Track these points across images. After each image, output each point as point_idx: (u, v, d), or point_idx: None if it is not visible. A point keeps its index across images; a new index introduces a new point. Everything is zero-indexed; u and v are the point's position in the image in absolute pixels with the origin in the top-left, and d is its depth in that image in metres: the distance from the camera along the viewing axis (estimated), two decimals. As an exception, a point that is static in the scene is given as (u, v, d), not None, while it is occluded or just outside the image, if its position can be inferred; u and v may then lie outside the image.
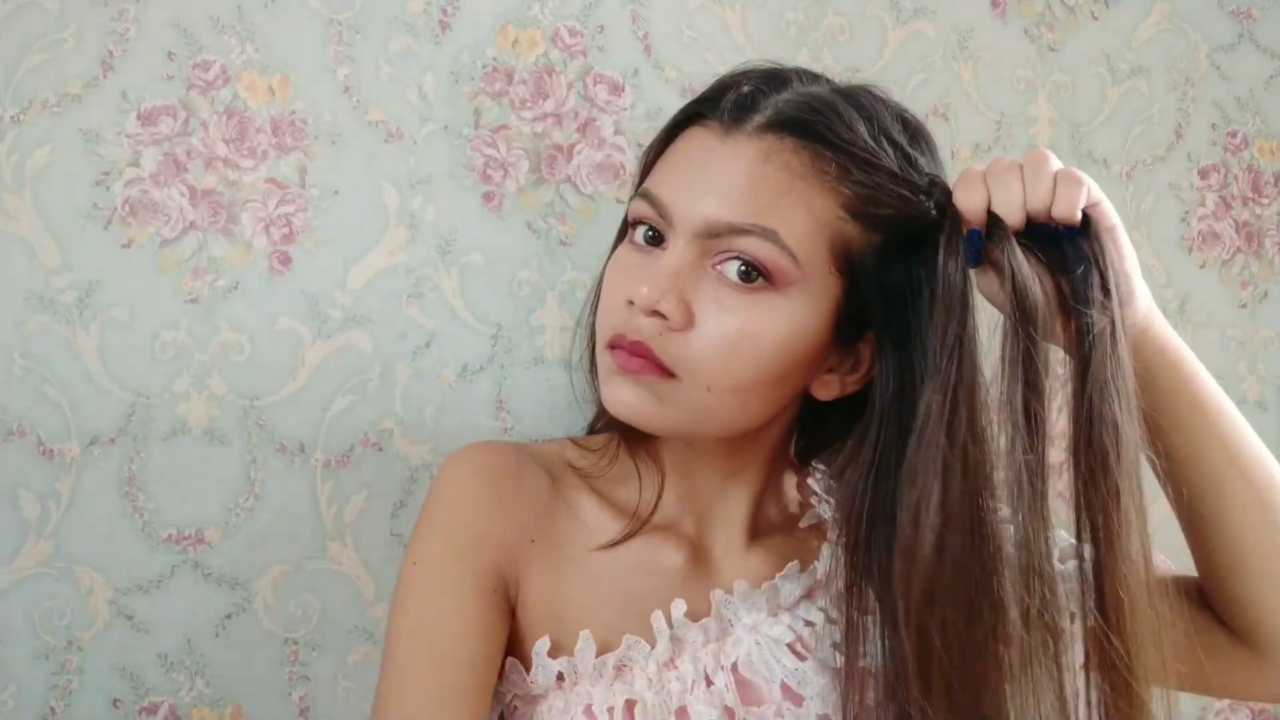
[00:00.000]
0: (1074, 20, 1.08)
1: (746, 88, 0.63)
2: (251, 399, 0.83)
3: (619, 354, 0.62)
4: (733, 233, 0.59)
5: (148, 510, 0.81)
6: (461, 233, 0.88)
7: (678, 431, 0.65)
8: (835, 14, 0.99)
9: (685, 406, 0.62)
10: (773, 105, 0.62)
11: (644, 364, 0.61)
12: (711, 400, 0.61)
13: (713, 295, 0.61)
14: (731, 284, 0.60)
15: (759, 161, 0.60)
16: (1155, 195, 1.10)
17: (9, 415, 0.79)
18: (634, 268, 0.63)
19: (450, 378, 0.88)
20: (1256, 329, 1.14)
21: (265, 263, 0.84)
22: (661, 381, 0.61)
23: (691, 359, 0.61)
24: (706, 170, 0.61)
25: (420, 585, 0.65)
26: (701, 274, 0.61)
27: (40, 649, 0.79)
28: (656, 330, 0.61)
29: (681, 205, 0.61)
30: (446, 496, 0.68)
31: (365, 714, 0.86)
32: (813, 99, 0.62)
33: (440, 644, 0.63)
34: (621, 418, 0.63)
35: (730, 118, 0.62)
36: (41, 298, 0.79)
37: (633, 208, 0.65)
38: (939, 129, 1.02)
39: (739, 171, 0.60)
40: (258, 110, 0.83)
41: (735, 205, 0.60)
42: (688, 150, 0.64)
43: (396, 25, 0.86)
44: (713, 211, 0.60)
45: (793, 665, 0.67)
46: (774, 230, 0.59)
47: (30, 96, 0.79)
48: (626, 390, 0.62)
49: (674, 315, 0.60)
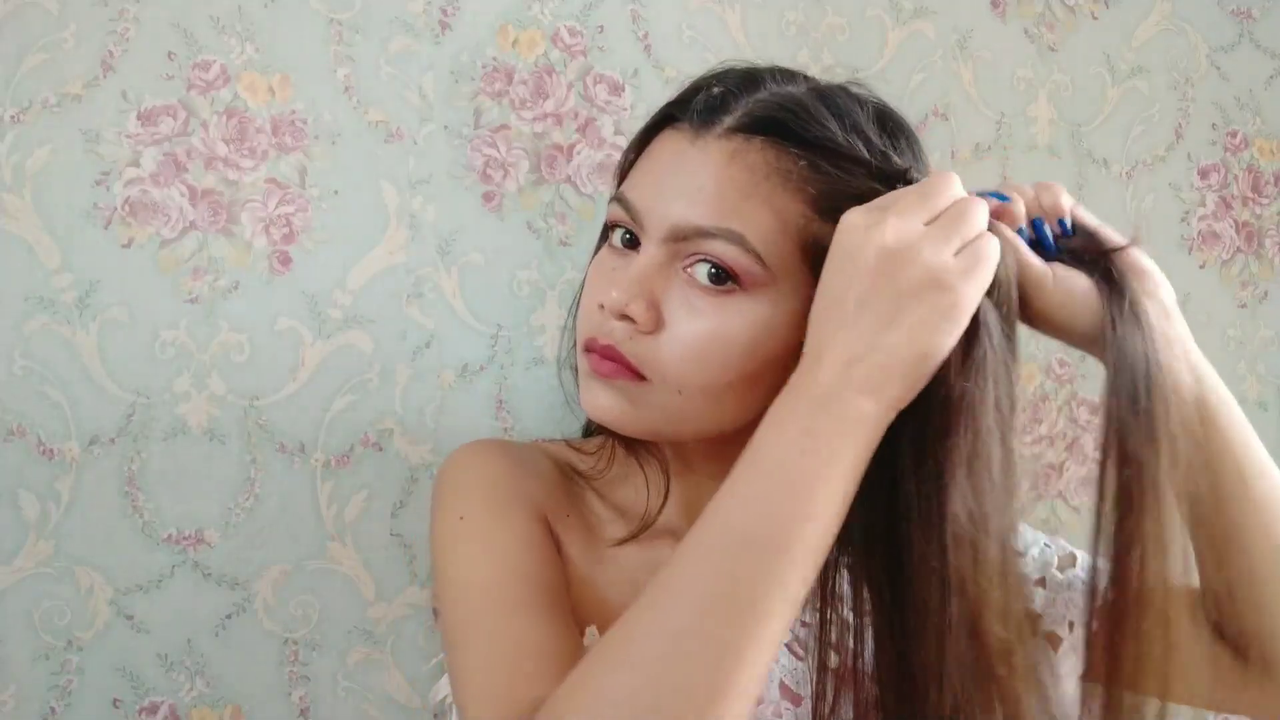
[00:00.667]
0: (1074, 20, 1.08)
1: (717, 89, 0.63)
2: (251, 399, 0.83)
3: (592, 358, 0.63)
4: (700, 236, 0.59)
5: (147, 510, 0.81)
6: (461, 233, 0.88)
7: (653, 433, 0.65)
8: (835, 14, 0.99)
9: (658, 409, 0.62)
10: (742, 107, 0.61)
11: (615, 367, 0.61)
12: (683, 402, 0.61)
13: (683, 298, 0.61)
14: (701, 287, 0.60)
15: (725, 164, 0.60)
16: (1155, 195, 1.11)
17: (9, 415, 0.79)
18: (610, 271, 0.63)
19: (450, 378, 0.88)
20: (1256, 329, 1.14)
21: (265, 263, 0.84)
22: (633, 384, 0.62)
23: (661, 362, 0.61)
24: (676, 174, 0.61)
25: (472, 531, 0.63)
26: (672, 277, 0.61)
27: (40, 649, 0.79)
28: (627, 334, 0.61)
29: (652, 209, 0.61)
30: (471, 467, 0.67)
31: (365, 714, 0.86)
32: (783, 98, 0.62)
33: (518, 566, 0.61)
34: (597, 420, 0.64)
35: (700, 120, 0.62)
36: (41, 298, 0.79)
37: (609, 212, 0.66)
38: (939, 129, 1.02)
39: (706, 175, 0.60)
40: (258, 110, 0.83)
41: (702, 208, 0.59)
42: (660, 154, 0.64)
43: (396, 25, 0.86)
44: (680, 215, 0.60)
45: (791, 665, 0.67)
46: (739, 233, 0.59)
47: (30, 96, 0.79)
48: (601, 394, 0.63)
49: (642, 319, 0.60)
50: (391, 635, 0.87)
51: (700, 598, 0.49)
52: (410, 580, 0.87)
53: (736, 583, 0.49)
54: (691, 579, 0.49)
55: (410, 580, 0.87)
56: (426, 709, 0.87)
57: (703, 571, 0.50)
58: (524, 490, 0.67)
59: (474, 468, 0.68)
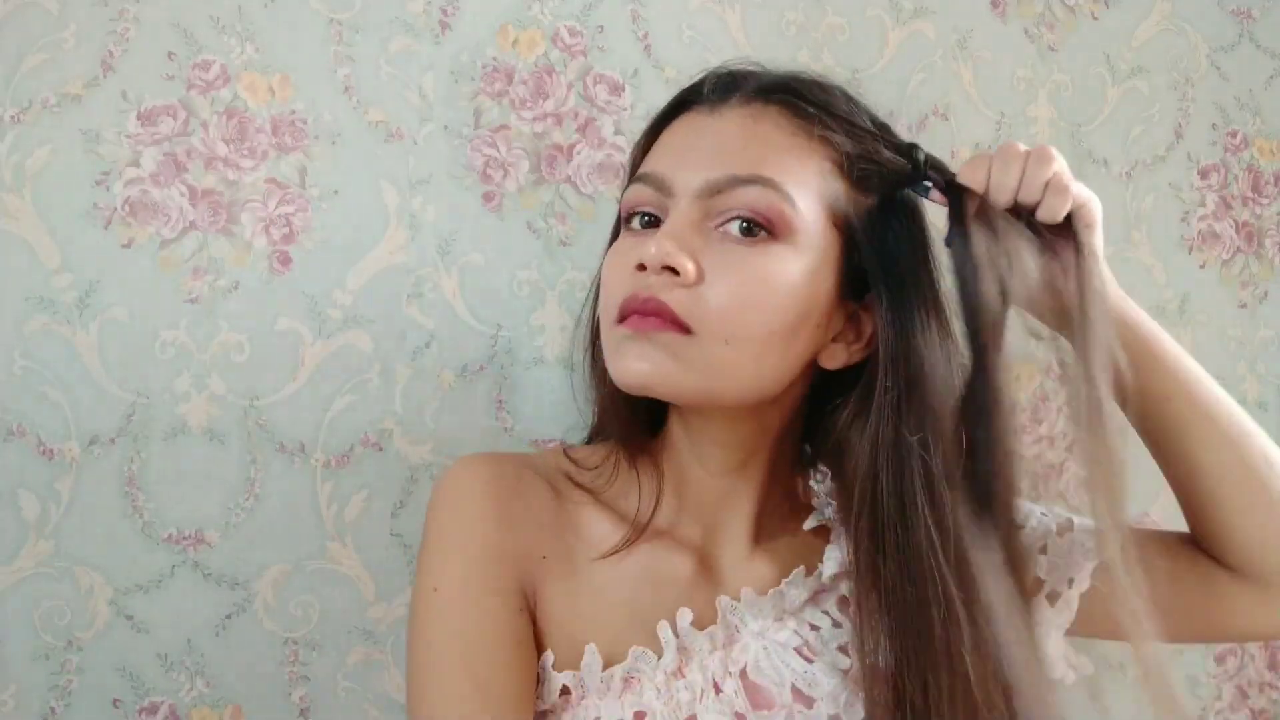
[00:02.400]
0: (1074, 20, 1.08)
1: (726, 72, 0.68)
2: (251, 399, 0.83)
3: (633, 318, 0.62)
4: (735, 184, 0.62)
5: (147, 510, 0.81)
6: (461, 233, 0.88)
7: (695, 395, 0.64)
8: (835, 14, 0.99)
9: (703, 364, 0.61)
10: (754, 79, 0.66)
11: (660, 321, 0.61)
12: (730, 355, 0.61)
13: (719, 253, 0.62)
14: (735, 239, 0.62)
15: (750, 122, 0.64)
16: (1155, 195, 1.11)
17: (9, 415, 0.78)
18: (636, 245, 0.64)
19: (450, 378, 0.88)
20: (1256, 329, 1.14)
21: (265, 263, 0.84)
22: (679, 338, 0.61)
23: (706, 312, 0.61)
24: (700, 141, 0.65)
25: (445, 605, 0.64)
26: (706, 235, 0.63)
27: (40, 649, 0.79)
28: (669, 286, 0.61)
29: (680, 172, 0.64)
30: (454, 513, 0.67)
31: (365, 714, 0.86)
32: (790, 74, 0.68)
33: (477, 652, 0.62)
34: (635, 388, 0.63)
35: (716, 96, 0.66)
36: (41, 298, 0.79)
37: (628, 195, 0.67)
38: (939, 129, 1.02)
39: (731, 134, 0.64)
40: (258, 110, 0.83)
41: (734, 160, 0.63)
42: (679, 132, 0.67)
43: (396, 25, 0.86)
44: (712, 170, 0.63)
45: (802, 668, 0.67)
46: (773, 179, 0.62)
47: (30, 96, 0.79)
48: (641, 357, 0.62)
49: (685, 269, 0.61)
50: (391, 635, 0.87)
51: None
52: (410, 580, 0.87)
53: None
54: None
55: (410, 580, 0.87)
56: (426, 709, 0.87)
57: None
58: (504, 547, 0.66)
59: (457, 515, 0.66)
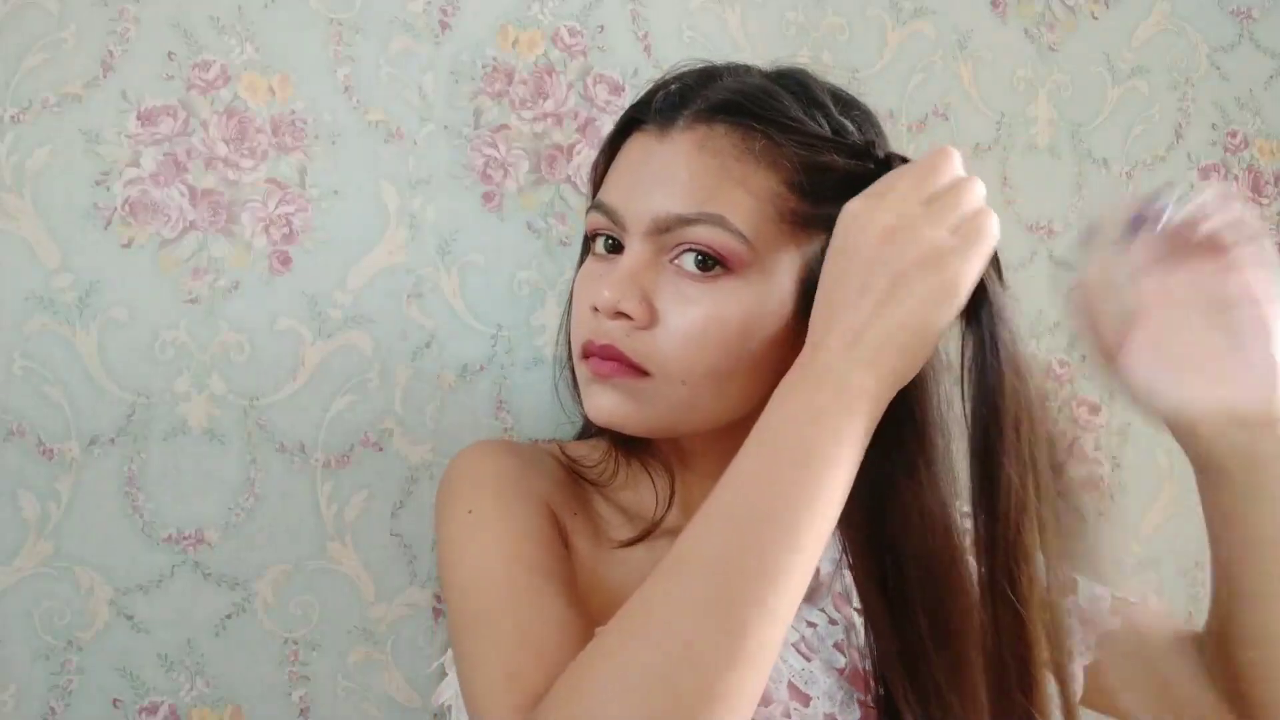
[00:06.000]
0: (1074, 20, 1.08)
1: (674, 87, 0.66)
2: (251, 399, 0.83)
3: (591, 361, 0.63)
4: (682, 224, 0.61)
5: (147, 510, 0.81)
6: (461, 233, 0.88)
7: (661, 429, 0.65)
8: (835, 14, 0.99)
9: (663, 403, 0.62)
10: (701, 97, 0.64)
11: (616, 366, 0.62)
12: (688, 393, 0.62)
13: (674, 289, 0.61)
14: (690, 275, 0.61)
15: (694, 151, 0.62)
16: (1155, 195, 1.10)
17: (9, 415, 0.78)
18: (598, 277, 0.64)
19: (450, 378, 0.88)
20: (1256, 329, 1.14)
21: (265, 263, 0.84)
22: (636, 381, 0.62)
23: (662, 354, 0.61)
24: (648, 170, 0.63)
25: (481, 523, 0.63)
26: (660, 270, 0.62)
27: (40, 649, 0.79)
28: (624, 331, 0.62)
29: (630, 207, 0.63)
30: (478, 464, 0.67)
31: (365, 714, 0.86)
32: (740, 85, 0.64)
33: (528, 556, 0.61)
34: (603, 424, 0.64)
35: (663, 117, 0.64)
36: (41, 298, 0.79)
37: (590, 220, 0.67)
38: (939, 129, 1.02)
39: (678, 165, 0.62)
40: (258, 110, 0.83)
41: (680, 197, 0.61)
42: (630, 156, 0.65)
43: (396, 25, 0.86)
44: (660, 207, 0.61)
45: (800, 665, 0.67)
46: (720, 215, 0.60)
47: (30, 96, 0.79)
48: (604, 397, 0.63)
49: (637, 313, 0.61)
50: (391, 635, 0.87)
51: (713, 567, 0.49)
52: (410, 580, 0.87)
53: (746, 551, 0.49)
54: (704, 549, 0.50)
55: (410, 580, 0.87)
56: (426, 709, 0.87)
57: (715, 542, 0.50)
58: (532, 486, 0.67)
59: (481, 465, 0.68)
